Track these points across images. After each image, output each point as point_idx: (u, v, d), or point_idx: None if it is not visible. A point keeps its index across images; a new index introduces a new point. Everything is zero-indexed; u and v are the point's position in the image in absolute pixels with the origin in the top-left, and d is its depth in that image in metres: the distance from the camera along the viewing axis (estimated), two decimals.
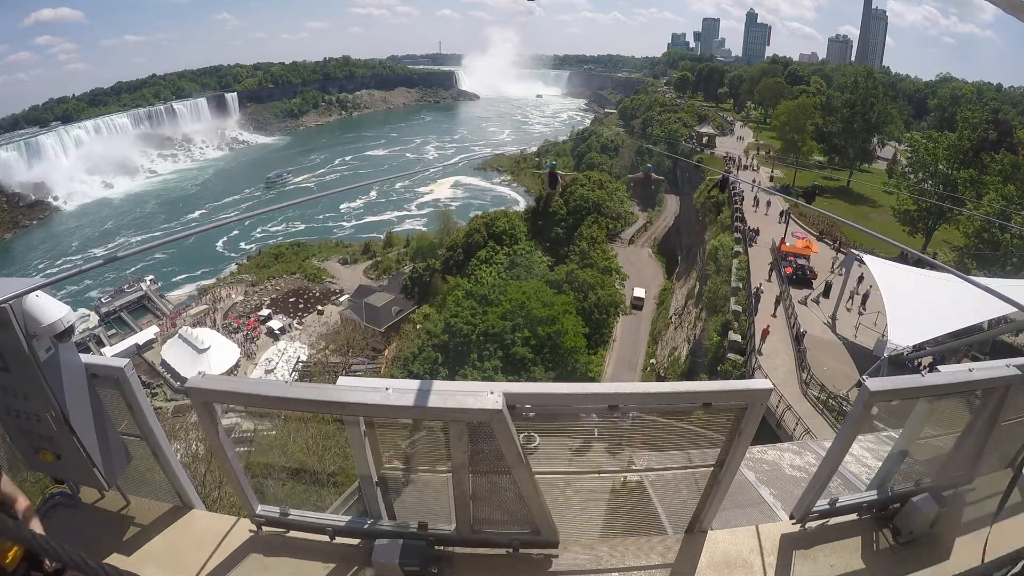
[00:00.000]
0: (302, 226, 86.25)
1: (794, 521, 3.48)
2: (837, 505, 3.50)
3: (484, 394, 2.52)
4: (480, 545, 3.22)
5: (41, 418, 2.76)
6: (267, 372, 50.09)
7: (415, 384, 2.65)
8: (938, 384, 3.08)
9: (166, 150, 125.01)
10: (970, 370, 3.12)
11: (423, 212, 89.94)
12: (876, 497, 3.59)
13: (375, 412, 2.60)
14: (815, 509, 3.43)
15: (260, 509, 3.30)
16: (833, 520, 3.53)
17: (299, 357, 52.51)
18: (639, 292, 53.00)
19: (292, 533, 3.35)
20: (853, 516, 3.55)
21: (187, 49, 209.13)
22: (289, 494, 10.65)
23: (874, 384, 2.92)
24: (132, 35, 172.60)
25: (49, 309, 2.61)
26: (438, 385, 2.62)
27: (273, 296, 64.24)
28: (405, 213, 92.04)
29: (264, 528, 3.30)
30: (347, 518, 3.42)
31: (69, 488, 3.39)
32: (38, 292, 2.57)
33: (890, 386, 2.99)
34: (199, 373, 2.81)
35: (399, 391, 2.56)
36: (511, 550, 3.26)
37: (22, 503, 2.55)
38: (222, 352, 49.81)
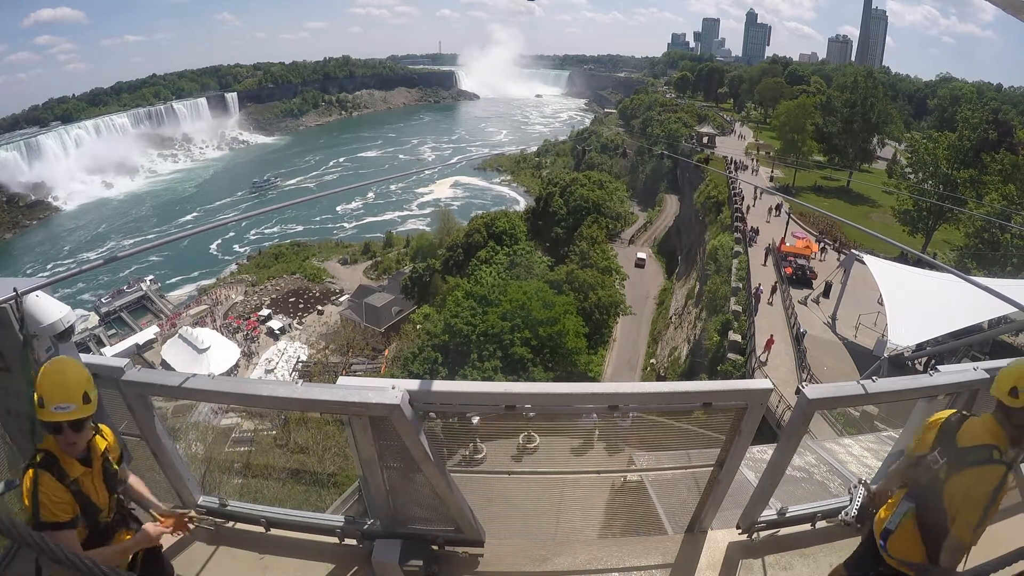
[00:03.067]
0: (299, 227, 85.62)
1: (740, 531, 3.42)
2: (787, 515, 3.44)
3: (386, 389, 2.56)
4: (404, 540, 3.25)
5: None
6: (267, 372, 50.09)
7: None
8: (887, 391, 2.92)
9: (166, 150, 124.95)
10: (931, 375, 3.02)
11: (424, 212, 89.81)
12: (835, 505, 3.51)
13: (284, 405, 2.67)
14: (761, 519, 3.38)
15: (201, 499, 3.40)
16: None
17: (299, 357, 52.53)
18: (641, 254, 60.77)
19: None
20: (806, 526, 3.48)
21: (187, 49, 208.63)
22: (289, 494, 10.66)
23: (813, 391, 2.80)
24: (132, 35, 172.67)
25: (49, 309, 2.61)
26: (348, 381, 2.69)
27: (273, 296, 64.23)
28: (406, 213, 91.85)
29: (207, 517, 3.41)
30: (282, 510, 3.49)
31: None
32: (38, 292, 2.57)
33: (831, 394, 2.87)
34: (136, 367, 2.88)
35: (310, 386, 2.70)
36: (435, 547, 3.28)
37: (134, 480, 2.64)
38: (222, 352, 49.77)
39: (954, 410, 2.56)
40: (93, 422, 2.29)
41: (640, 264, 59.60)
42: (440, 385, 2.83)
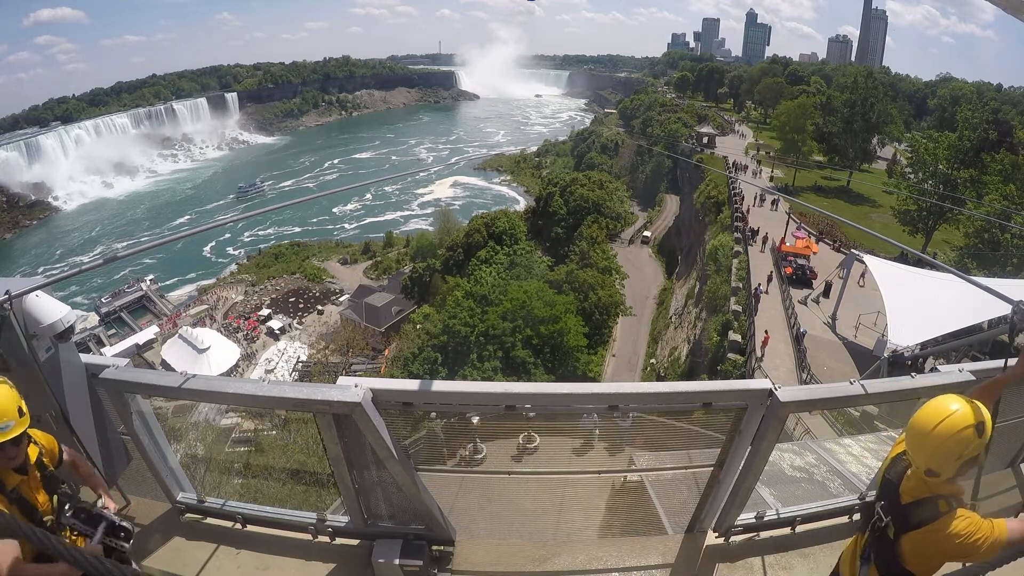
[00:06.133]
0: (296, 229, 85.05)
1: (717, 535, 3.39)
2: (764, 519, 3.41)
3: (348, 388, 2.58)
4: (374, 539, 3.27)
5: (41, 418, 2.75)
6: (267, 372, 50.10)
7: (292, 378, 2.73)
8: (864, 394, 2.83)
9: (166, 150, 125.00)
10: (912, 377, 2.96)
11: (425, 212, 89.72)
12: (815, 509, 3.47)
13: (248, 402, 2.71)
14: (739, 523, 3.34)
15: (180, 496, 3.41)
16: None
17: (299, 357, 52.53)
18: (647, 233, 66.21)
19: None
20: (787, 530, 3.44)
21: (187, 49, 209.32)
22: (289, 494, 10.65)
23: (785, 394, 2.73)
24: (132, 35, 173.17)
25: (49, 309, 2.61)
26: (347, 381, 2.69)
27: (273, 296, 64.25)
28: (407, 213, 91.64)
29: (185, 514, 3.44)
30: (257, 506, 3.50)
31: (69, 488, 3.39)
32: (38, 292, 2.57)
33: (805, 396, 2.81)
34: (113, 365, 2.90)
35: (274, 383, 2.73)
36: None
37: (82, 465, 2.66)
38: (222, 352, 49.80)
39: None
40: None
41: (645, 241, 65.13)
42: (439, 385, 2.82)
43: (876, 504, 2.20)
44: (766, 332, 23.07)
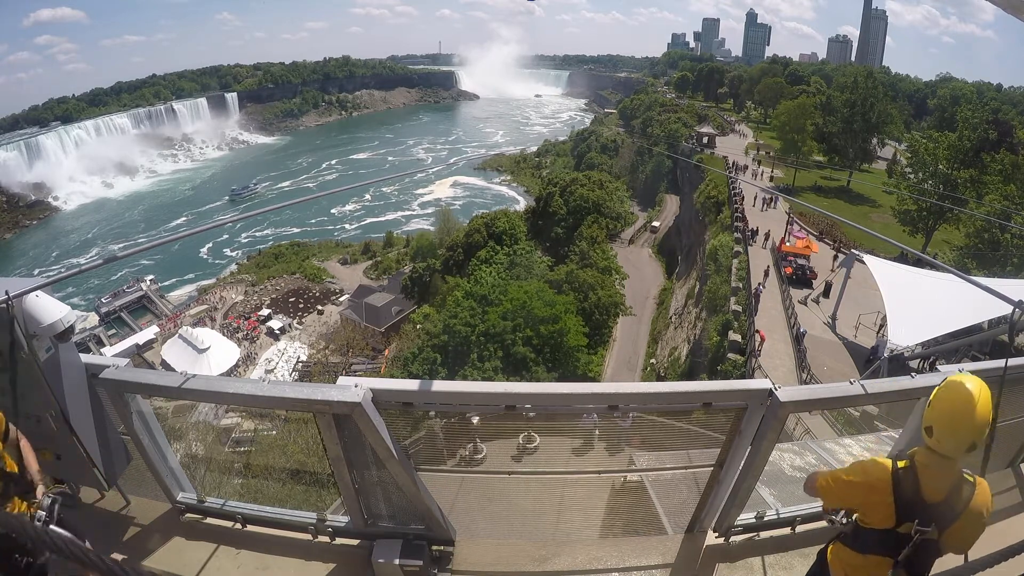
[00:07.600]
0: (294, 230, 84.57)
1: (717, 535, 3.39)
2: (764, 519, 3.41)
3: (348, 388, 2.58)
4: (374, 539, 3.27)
5: (41, 418, 2.76)
6: (267, 372, 50.08)
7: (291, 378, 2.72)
8: (863, 394, 2.82)
9: (166, 150, 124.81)
10: (912, 377, 2.96)
11: (426, 212, 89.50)
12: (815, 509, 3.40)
13: (249, 402, 2.72)
14: (738, 523, 3.34)
15: (180, 496, 3.42)
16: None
17: (299, 357, 52.51)
18: (655, 223, 68.51)
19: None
20: (787, 530, 3.43)
21: (187, 49, 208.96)
22: (289, 494, 10.65)
23: (785, 394, 2.72)
24: (132, 35, 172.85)
25: (49, 309, 2.62)
26: (347, 381, 2.69)
27: (273, 296, 64.21)
28: (408, 213, 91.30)
29: (185, 514, 3.44)
30: (256, 506, 3.50)
31: (69, 488, 3.39)
32: (38, 292, 2.57)
33: (804, 396, 2.81)
34: (113, 365, 2.90)
35: (274, 383, 2.73)
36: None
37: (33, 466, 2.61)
38: (222, 352, 49.76)
39: (887, 464, 2.24)
40: None
41: (653, 231, 67.41)
42: (439, 385, 2.83)
43: (897, 527, 2.17)
44: (759, 332, 23.13)
